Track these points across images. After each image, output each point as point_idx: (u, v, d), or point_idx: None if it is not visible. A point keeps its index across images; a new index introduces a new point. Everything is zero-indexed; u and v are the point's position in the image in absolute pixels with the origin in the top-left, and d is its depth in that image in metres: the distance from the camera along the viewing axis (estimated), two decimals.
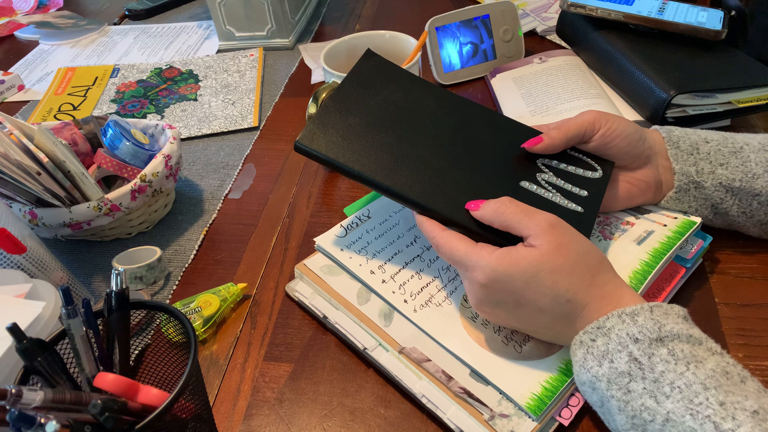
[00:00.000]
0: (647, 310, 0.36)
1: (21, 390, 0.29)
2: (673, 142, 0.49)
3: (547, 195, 0.46)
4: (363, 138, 0.47)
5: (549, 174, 0.47)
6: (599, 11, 0.70)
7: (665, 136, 0.50)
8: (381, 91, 0.51)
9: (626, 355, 0.35)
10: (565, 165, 0.48)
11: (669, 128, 0.51)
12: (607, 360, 0.35)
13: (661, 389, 0.33)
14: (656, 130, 0.51)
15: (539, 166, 0.47)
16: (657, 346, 0.34)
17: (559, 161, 0.48)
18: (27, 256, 0.48)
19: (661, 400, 0.33)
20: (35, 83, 0.93)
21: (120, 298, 0.37)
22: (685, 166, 0.49)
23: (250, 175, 0.69)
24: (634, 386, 0.34)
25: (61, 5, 1.18)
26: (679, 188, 0.49)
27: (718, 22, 0.68)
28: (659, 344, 0.34)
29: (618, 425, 0.35)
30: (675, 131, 0.50)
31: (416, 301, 0.45)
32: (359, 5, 1.07)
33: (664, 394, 0.33)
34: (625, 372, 0.34)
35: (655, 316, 0.36)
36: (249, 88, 0.84)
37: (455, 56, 0.78)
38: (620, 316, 0.36)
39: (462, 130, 0.49)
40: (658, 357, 0.34)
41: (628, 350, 0.35)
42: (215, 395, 0.46)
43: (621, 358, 0.35)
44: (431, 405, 0.41)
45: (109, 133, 0.60)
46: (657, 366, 0.34)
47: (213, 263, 0.58)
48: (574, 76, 0.72)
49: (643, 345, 0.34)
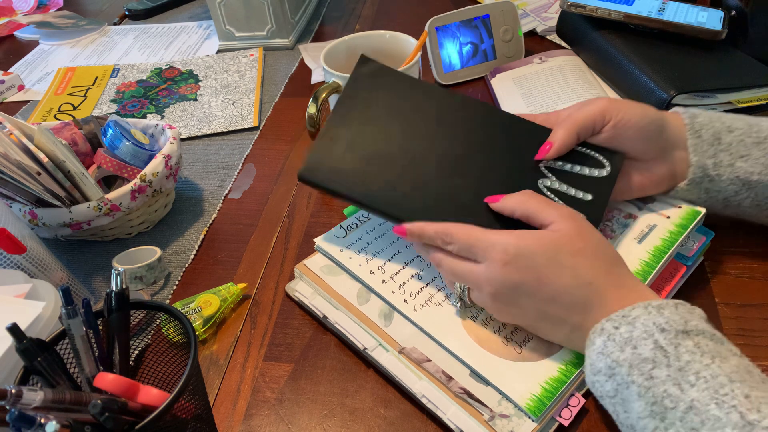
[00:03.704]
0: (672, 305, 0.36)
1: (21, 390, 0.29)
2: (695, 131, 0.46)
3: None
4: (366, 162, 0.47)
5: (551, 179, 0.46)
6: (599, 11, 0.70)
7: (688, 123, 0.47)
8: (380, 102, 0.50)
9: (651, 343, 0.34)
10: (570, 165, 0.47)
11: (692, 113, 0.47)
12: (630, 346, 0.35)
13: (686, 378, 0.33)
14: (679, 114, 0.48)
15: (542, 171, 0.47)
16: (683, 338, 0.34)
17: (563, 161, 0.47)
18: (27, 256, 0.48)
19: (686, 388, 0.33)
20: (35, 83, 0.93)
21: (120, 298, 0.37)
22: (703, 158, 0.46)
23: (250, 175, 0.69)
24: (658, 373, 0.34)
25: (61, 5, 1.18)
26: (692, 181, 0.47)
27: (718, 22, 0.68)
28: (685, 336, 0.34)
29: (635, 412, 0.35)
30: (699, 117, 0.47)
31: (416, 301, 0.45)
32: (359, 5, 1.07)
33: (689, 383, 0.33)
34: (649, 358, 0.34)
35: (680, 311, 0.36)
36: (249, 88, 0.84)
37: (455, 56, 0.78)
38: (646, 308, 0.36)
39: (464, 137, 0.48)
40: (684, 347, 0.34)
41: (653, 338, 0.35)
42: (215, 395, 0.46)
43: (646, 344, 0.34)
44: (431, 405, 0.41)
45: (109, 133, 0.60)
46: (683, 356, 0.34)
47: (213, 263, 0.58)
48: (574, 76, 0.72)
49: (669, 335, 0.34)
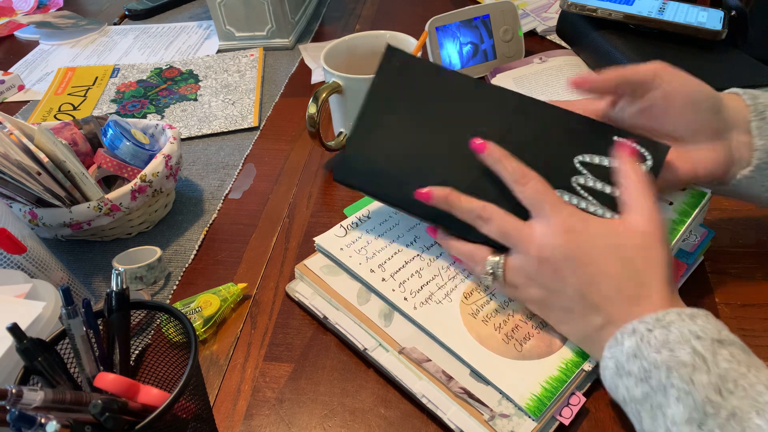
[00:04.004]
0: (703, 315, 0.36)
1: (21, 390, 0.29)
2: (758, 112, 0.42)
3: (582, 204, 0.42)
4: (400, 162, 0.47)
5: (586, 176, 0.43)
6: (599, 11, 0.70)
7: (750, 105, 0.43)
8: (411, 97, 0.48)
9: (689, 348, 0.34)
10: (607, 160, 0.43)
11: (753, 93, 0.44)
12: (667, 349, 0.34)
13: (726, 385, 0.33)
14: (738, 94, 0.44)
15: (576, 167, 0.43)
16: (718, 346, 0.34)
17: (600, 155, 0.43)
18: (27, 256, 0.48)
19: (726, 395, 0.32)
20: (35, 83, 0.93)
21: (120, 298, 0.37)
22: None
23: (250, 175, 0.69)
24: (699, 378, 0.33)
25: (61, 5, 1.18)
26: (758, 167, 0.43)
27: (718, 22, 0.68)
28: (720, 345, 0.34)
29: (669, 418, 0.34)
30: (760, 98, 0.43)
31: (416, 299, 0.45)
32: (359, 5, 1.07)
33: (729, 390, 0.32)
34: (688, 363, 0.34)
35: (711, 321, 0.36)
36: (249, 88, 0.84)
37: (455, 56, 0.78)
38: (679, 315, 0.36)
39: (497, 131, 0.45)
40: (720, 356, 0.34)
41: (690, 344, 0.34)
42: (215, 395, 0.46)
43: (683, 349, 0.34)
44: (431, 405, 0.41)
45: (109, 133, 0.60)
46: (721, 363, 0.33)
47: (213, 263, 0.58)
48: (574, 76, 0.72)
49: (705, 342, 0.34)
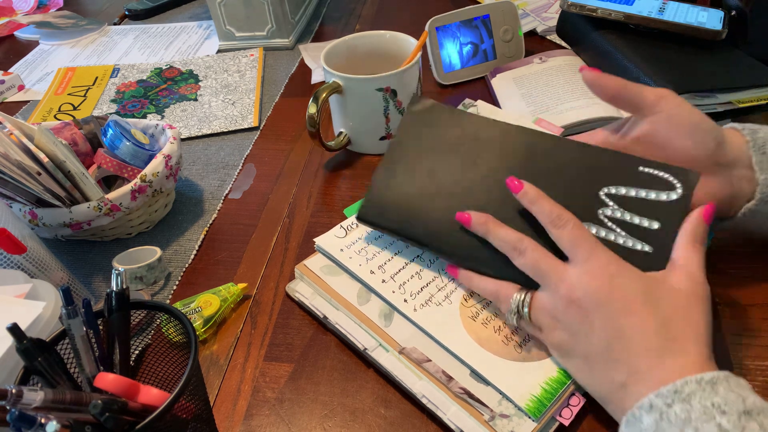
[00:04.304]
0: (724, 379, 0.34)
1: (21, 390, 0.29)
2: (758, 147, 0.43)
3: (610, 236, 0.41)
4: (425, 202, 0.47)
5: (613, 207, 0.42)
6: (599, 11, 0.70)
7: (749, 140, 0.43)
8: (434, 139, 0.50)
9: (715, 427, 0.31)
10: (634, 191, 0.42)
11: (751, 128, 0.44)
12: (691, 428, 0.32)
13: None
14: (737, 130, 0.45)
15: (602, 199, 0.42)
16: (747, 419, 0.32)
17: (627, 186, 0.42)
18: (27, 256, 0.48)
19: None
20: (35, 83, 0.93)
21: (120, 298, 0.37)
22: None
23: (250, 175, 0.69)
24: None
25: (61, 5, 1.18)
26: (761, 200, 0.43)
27: (718, 22, 0.68)
28: (748, 417, 0.32)
29: None
30: (759, 132, 0.44)
31: (416, 301, 0.45)
32: (359, 5, 1.07)
33: None
34: None
35: (733, 386, 0.33)
36: (249, 88, 0.84)
37: (455, 56, 0.78)
38: (699, 383, 0.33)
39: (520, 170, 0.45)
40: (749, 430, 0.31)
41: (716, 421, 0.32)
42: (215, 395, 0.46)
43: (709, 428, 0.31)
44: (431, 405, 0.41)
45: (109, 133, 0.60)
46: None
47: (213, 263, 0.58)
48: (574, 77, 0.72)
49: (732, 417, 0.32)
